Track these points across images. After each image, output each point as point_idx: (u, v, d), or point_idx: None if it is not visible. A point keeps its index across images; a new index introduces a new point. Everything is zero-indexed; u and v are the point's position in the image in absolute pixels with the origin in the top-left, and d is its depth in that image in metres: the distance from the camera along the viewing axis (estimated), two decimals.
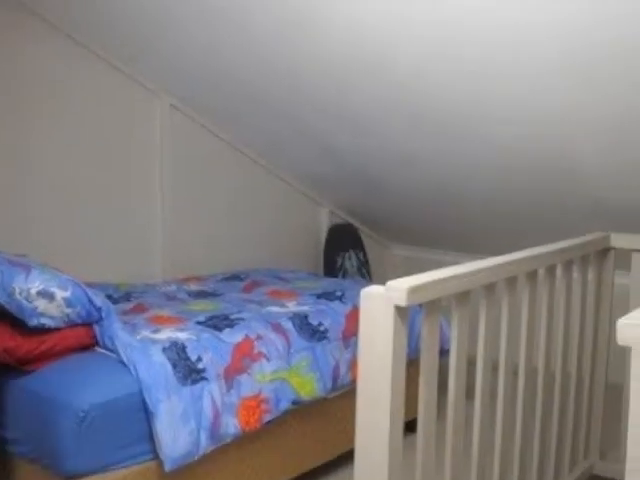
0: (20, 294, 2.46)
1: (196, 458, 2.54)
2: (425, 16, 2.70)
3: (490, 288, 2.25)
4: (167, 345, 2.64)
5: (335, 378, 3.11)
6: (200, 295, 3.57)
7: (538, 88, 2.92)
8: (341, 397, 3.19)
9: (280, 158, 4.54)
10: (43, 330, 2.53)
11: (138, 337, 2.70)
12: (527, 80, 2.90)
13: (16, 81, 3.47)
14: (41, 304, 2.49)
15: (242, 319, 3.01)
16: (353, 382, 3.03)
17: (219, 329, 2.88)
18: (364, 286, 1.95)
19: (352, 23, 2.90)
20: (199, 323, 2.92)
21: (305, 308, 3.28)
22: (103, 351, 2.64)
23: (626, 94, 2.76)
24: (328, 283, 3.83)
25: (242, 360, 2.80)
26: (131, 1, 3.23)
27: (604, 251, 3.04)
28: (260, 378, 2.82)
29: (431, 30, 2.78)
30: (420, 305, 1.94)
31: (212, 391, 2.63)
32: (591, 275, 2.98)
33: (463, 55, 2.87)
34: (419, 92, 3.25)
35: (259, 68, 3.53)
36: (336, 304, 3.38)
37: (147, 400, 2.44)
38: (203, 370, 2.64)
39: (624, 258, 3.05)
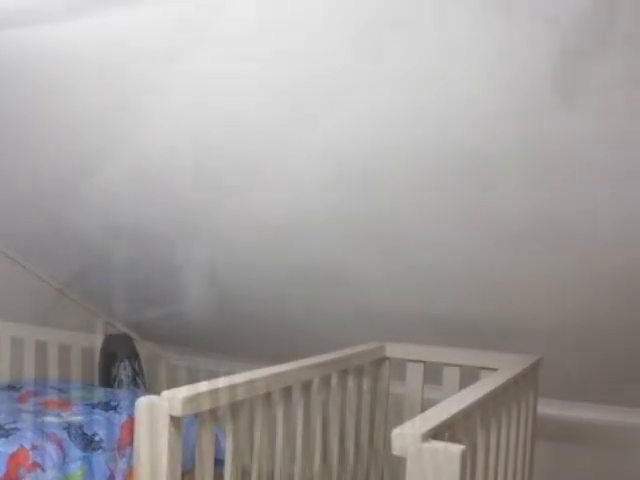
0: None
1: None
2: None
3: (266, 398, 2.31)
4: None
5: None
6: None
7: (299, 198, 2.98)
8: None
9: (54, 266, 4.44)
10: None
11: None
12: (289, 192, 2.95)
13: None
14: None
15: (17, 429, 2.95)
16: None
17: None
18: (139, 396, 1.97)
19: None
20: None
21: (80, 418, 3.25)
22: None
23: (391, 205, 2.84)
24: (103, 393, 3.80)
25: (17, 470, 2.74)
26: None
27: (379, 361, 3.10)
28: None
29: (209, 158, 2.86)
30: (195, 415, 1.97)
31: None
32: (366, 385, 3.03)
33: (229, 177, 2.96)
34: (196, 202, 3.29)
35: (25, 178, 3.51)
36: (111, 414, 3.36)
37: None
38: None
39: (400, 368, 3.12)
